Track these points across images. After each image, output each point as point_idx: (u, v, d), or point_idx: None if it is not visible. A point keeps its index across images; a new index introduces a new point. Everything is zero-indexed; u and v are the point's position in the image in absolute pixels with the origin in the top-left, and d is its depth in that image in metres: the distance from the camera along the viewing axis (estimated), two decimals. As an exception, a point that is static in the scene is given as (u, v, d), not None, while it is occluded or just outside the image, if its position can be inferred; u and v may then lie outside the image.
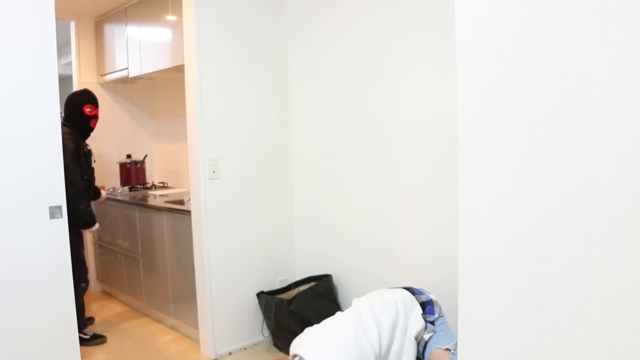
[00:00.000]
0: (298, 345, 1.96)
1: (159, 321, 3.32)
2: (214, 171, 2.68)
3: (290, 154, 3.05)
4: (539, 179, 0.74)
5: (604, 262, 0.68)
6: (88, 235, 3.97)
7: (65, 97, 2.96)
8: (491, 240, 0.80)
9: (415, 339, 1.95)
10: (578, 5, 0.68)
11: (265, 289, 2.94)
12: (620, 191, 0.66)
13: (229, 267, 2.79)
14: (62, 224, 2.08)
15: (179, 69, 3.17)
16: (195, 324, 2.87)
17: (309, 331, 1.98)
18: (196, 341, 2.93)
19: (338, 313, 2.05)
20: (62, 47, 4.74)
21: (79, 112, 2.94)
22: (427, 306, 2.01)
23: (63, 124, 2.84)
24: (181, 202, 3.15)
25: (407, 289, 2.09)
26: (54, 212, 2.06)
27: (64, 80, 4.91)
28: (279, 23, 2.94)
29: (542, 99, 0.73)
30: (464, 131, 0.82)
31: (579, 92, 0.69)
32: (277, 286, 3.00)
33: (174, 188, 4.00)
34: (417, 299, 2.02)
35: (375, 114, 2.55)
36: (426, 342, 1.95)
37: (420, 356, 1.96)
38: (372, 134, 2.57)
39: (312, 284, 2.87)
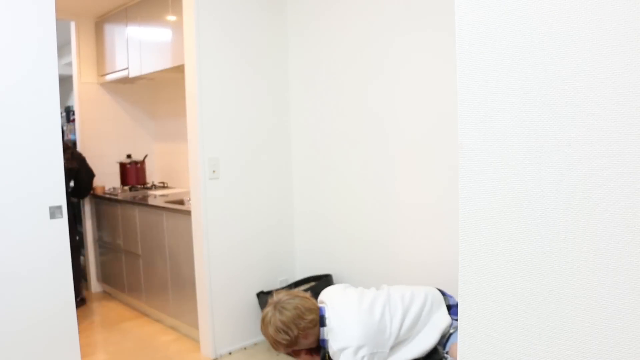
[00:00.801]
0: (328, 295, 2.11)
1: (159, 321, 3.32)
2: (214, 171, 2.68)
3: (290, 154, 3.06)
4: (539, 179, 0.74)
5: (604, 262, 0.68)
6: (88, 236, 3.97)
7: (66, 98, 3.00)
8: (491, 240, 0.80)
9: (444, 334, 2.04)
10: (578, 5, 0.68)
11: (265, 289, 2.94)
12: (621, 191, 0.66)
13: (229, 267, 2.79)
14: (62, 224, 2.08)
15: (179, 69, 3.18)
16: (195, 324, 2.88)
17: (346, 290, 2.11)
18: (196, 341, 2.93)
19: (373, 288, 2.16)
20: (62, 47, 4.74)
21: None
22: (452, 308, 2.11)
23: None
24: (181, 202, 3.15)
25: (438, 290, 2.18)
26: (54, 212, 2.06)
27: (64, 80, 4.92)
28: (279, 22, 2.94)
29: (543, 98, 0.73)
30: (464, 131, 0.82)
31: (580, 91, 0.69)
32: (277, 286, 3.00)
33: (174, 188, 4.00)
34: (445, 300, 2.12)
35: (376, 112, 2.55)
36: (450, 335, 2.05)
37: (442, 347, 2.06)
38: (374, 133, 2.57)
39: (312, 284, 2.87)
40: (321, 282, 2.76)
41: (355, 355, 1.89)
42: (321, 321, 2.02)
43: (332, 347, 1.96)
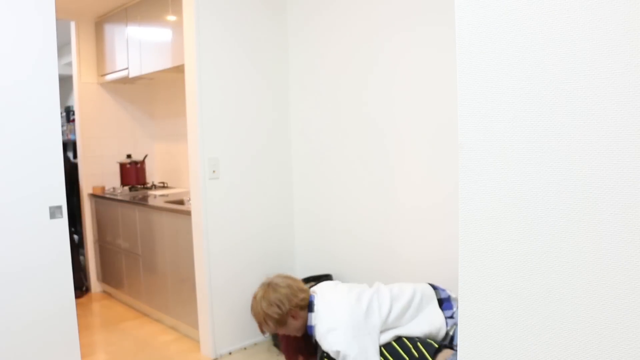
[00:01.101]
0: (320, 287, 2.19)
1: (159, 321, 3.32)
2: (214, 171, 2.68)
3: (290, 154, 3.06)
4: (539, 179, 0.74)
5: (604, 262, 0.68)
6: (88, 236, 3.97)
7: (66, 98, 3.00)
8: (491, 240, 0.80)
9: (440, 333, 2.06)
10: (578, 5, 0.68)
11: (265, 289, 2.94)
12: (621, 190, 0.66)
13: (229, 267, 2.79)
14: (62, 223, 2.09)
15: (179, 69, 3.17)
16: (195, 324, 2.88)
17: (337, 286, 2.18)
18: (196, 341, 2.93)
19: (365, 285, 2.23)
20: (62, 47, 4.74)
21: None
22: (444, 302, 2.13)
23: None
24: (181, 202, 3.15)
25: (430, 285, 2.20)
26: (54, 212, 2.06)
27: (64, 80, 4.92)
28: (279, 21, 2.94)
29: (543, 98, 0.73)
30: (464, 131, 0.82)
31: (580, 91, 0.69)
32: (277, 286, 3.00)
33: (174, 188, 4.00)
34: (436, 294, 2.15)
35: (376, 112, 2.55)
36: (452, 335, 2.07)
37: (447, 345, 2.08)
38: (373, 132, 2.57)
39: (312, 284, 2.86)
40: (321, 282, 2.75)
41: (345, 335, 1.92)
42: (309, 307, 2.08)
43: (319, 330, 2.00)
